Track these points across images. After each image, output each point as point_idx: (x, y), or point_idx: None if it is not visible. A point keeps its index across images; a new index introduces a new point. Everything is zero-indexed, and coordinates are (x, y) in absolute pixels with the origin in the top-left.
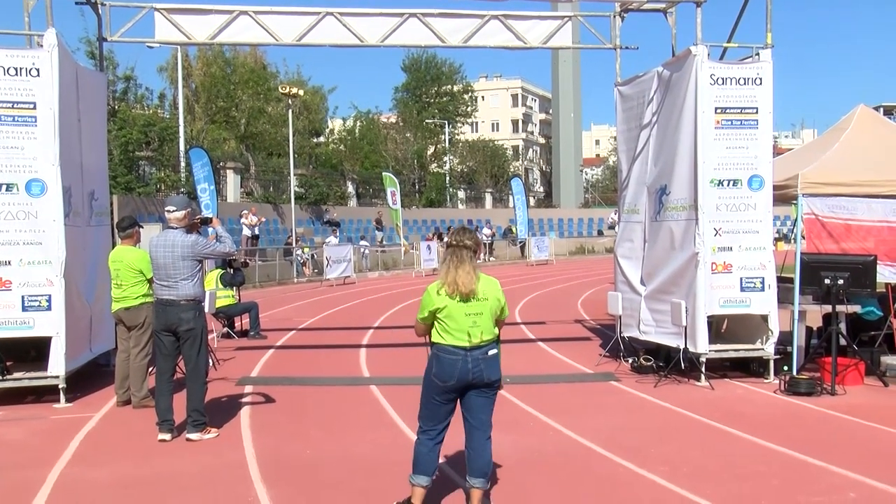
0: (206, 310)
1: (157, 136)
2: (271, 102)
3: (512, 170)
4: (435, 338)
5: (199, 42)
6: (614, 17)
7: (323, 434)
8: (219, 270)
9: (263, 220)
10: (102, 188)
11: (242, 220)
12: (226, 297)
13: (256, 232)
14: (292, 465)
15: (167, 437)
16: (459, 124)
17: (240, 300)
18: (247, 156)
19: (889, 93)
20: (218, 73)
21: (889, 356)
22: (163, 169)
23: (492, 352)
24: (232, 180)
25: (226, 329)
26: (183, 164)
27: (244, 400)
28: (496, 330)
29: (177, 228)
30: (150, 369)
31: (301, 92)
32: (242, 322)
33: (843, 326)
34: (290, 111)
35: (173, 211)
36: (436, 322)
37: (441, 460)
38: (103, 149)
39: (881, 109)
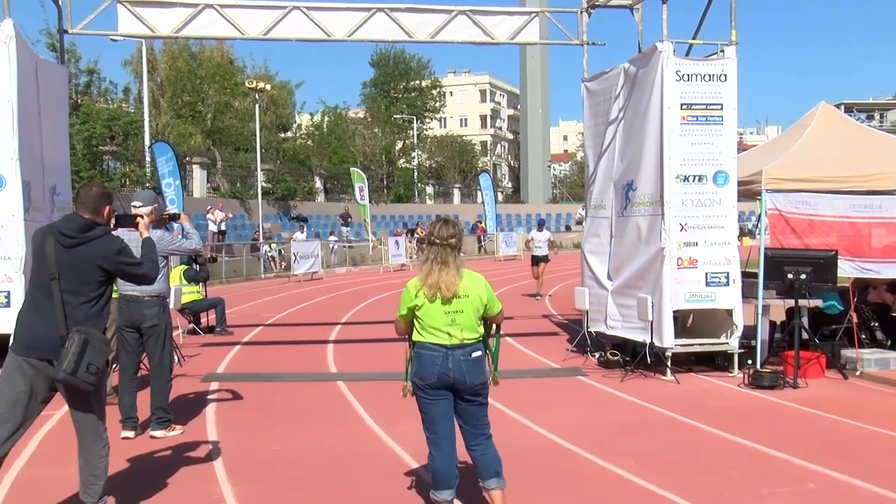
0: (172, 306)
1: (121, 130)
2: (238, 97)
3: (480, 165)
4: (415, 336)
5: (163, 35)
6: (581, 12)
7: (290, 430)
8: (184, 266)
9: (230, 215)
10: (64, 183)
11: (209, 215)
12: (191, 293)
13: (223, 227)
14: (258, 461)
15: (130, 434)
16: (428, 120)
17: (206, 296)
18: (213, 151)
19: (850, 90)
20: (184, 68)
21: (849, 349)
22: (127, 164)
23: (475, 354)
24: (198, 175)
25: (192, 325)
26: (148, 158)
27: (210, 396)
28: (481, 328)
29: None
30: (114, 366)
31: (268, 87)
32: (209, 318)
33: (805, 320)
34: (256, 106)
35: (139, 206)
36: (414, 320)
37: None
38: (65, 143)
39: (842, 107)
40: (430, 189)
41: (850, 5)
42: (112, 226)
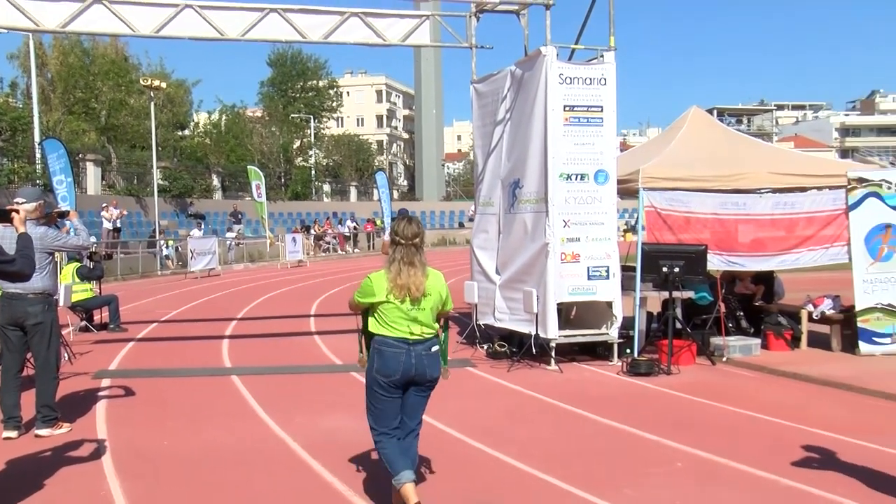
0: (62, 303)
1: (8, 125)
2: (133, 95)
3: (376, 164)
4: (375, 328)
5: (48, 30)
6: (470, 17)
7: (182, 425)
8: (76, 263)
9: (125, 212)
10: None
11: (103, 212)
12: (83, 291)
13: (118, 225)
14: (148, 457)
15: (13, 434)
16: (325, 119)
17: (100, 293)
18: (108, 148)
19: (722, 96)
20: (76, 63)
21: (717, 337)
22: (16, 160)
23: (434, 348)
24: (92, 172)
25: (84, 322)
26: (38, 155)
27: (101, 393)
28: (435, 324)
29: (27, 220)
30: None
31: (164, 85)
32: (102, 315)
33: (678, 311)
34: (152, 104)
35: (23, 203)
36: (375, 313)
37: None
38: None
39: (714, 111)
40: (327, 187)
41: (725, 15)
42: None
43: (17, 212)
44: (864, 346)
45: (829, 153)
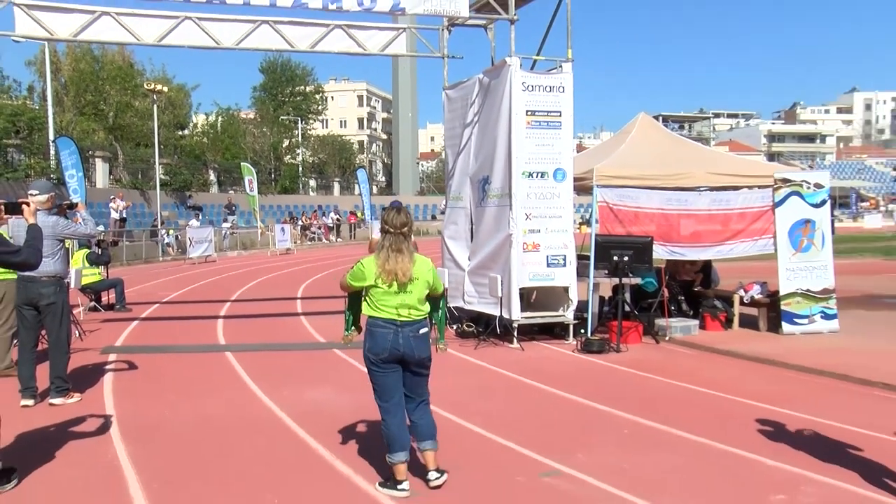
0: (73, 285)
1: (25, 125)
2: (138, 97)
3: (357, 161)
4: (366, 310)
5: (61, 38)
6: (443, 29)
7: (180, 396)
8: (85, 250)
9: (130, 204)
10: None
11: (111, 204)
12: (92, 275)
13: (124, 215)
14: (150, 425)
15: (30, 402)
16: (311, 121)
17: (107, 277)
18: (115, 146)
19: (665, 103)
20: (87, 69)
21: (661, 319)
22: (32, 156)
23: (422, 330)
24: (100, 168)
25: (93, 303)
26: (52, 152)
27: (108, 367)
28: (426, 305)
29: (39, 210)
30: (14, 342)
31: (166, 89)
32: (109, 296)
33: (627, 296)
34: (155, 106)
35: (36, 195)
36: (367, 296)
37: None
38: None
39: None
40: (312, 182)
41: (673, 34)
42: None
43: (28, 204)
44: (786, 327)
45: (758, 157)
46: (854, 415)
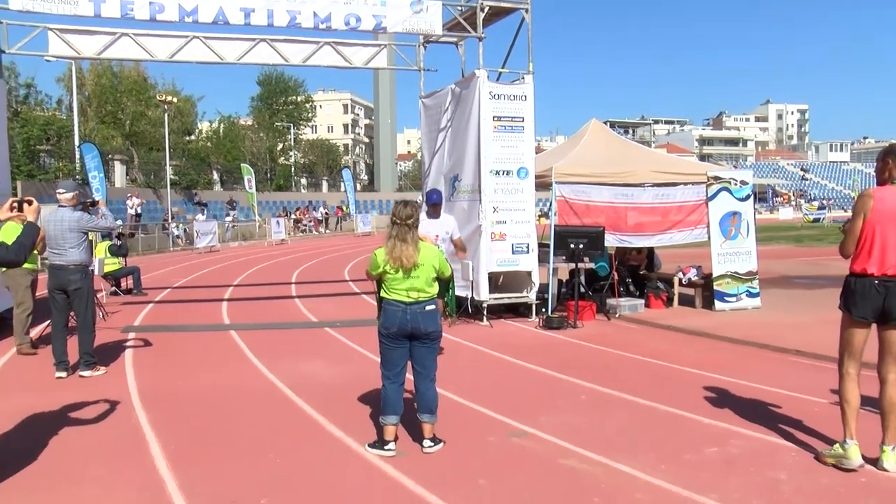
0: (96, 273)
1: (55, 133)
2: (151, 108)
3: (343, 162)
4: (382, 293)
5: (87, 57)
6: (419, 46)
7: (191, 369)
8: (107, 242)
9: (144, 201)
10: (3, 175)
11: (127, 201)
12: (113, 263)
13: (139, 211)
14: (166, 393)
15: (63, 374)
16: (302, 127)
17: (126, 265)
18: (131, 150)
19: (612, 111)
20: (107, 84)
21: (612, 299)
22: (60, 160)
23: (429, 307)
24: (119, 170)
25: (114, 288)
26: (77, 156)
27: (128, 344)
28: (435, 287)
29: (66, 207)
30: (47, 322)
31: (175, 99)
32: (128, 282)
33: (582, 279)
34: (166, 115)
35: (63, 193)
36: (382, 281)
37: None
38: (4, 143)
39: (608, 123)
40: (304, 181)
41: (616, 51)
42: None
43: (30, 202)
44: (718, 304)
45: (692, 158)
46: (773, 378)
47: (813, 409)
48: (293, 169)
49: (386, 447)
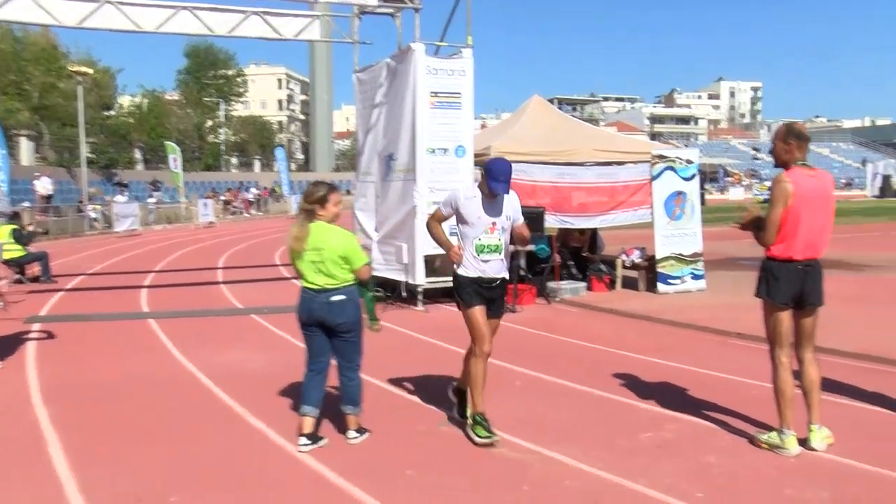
0: None
1: None
2: (63, 79)
3: (277, 141)
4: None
5: None
6: (353, 17)
7: (103, 359)
8: (11, 225)
9: (54, 181)
10: None
11: (35, 181)
12: (16, 250)
13: (50, 192)
14: (73, 386)
15: None
16: (233, 102)
17: (30, 251)
18: (40, 125)
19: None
20: (8, 49)
21: (553, 282)
22: None
23: (334, 297)
24: (25, 147)
25: (17, 276)
26: None
27: (31, 335)
28: (343, 276)
29: None
30: None
31: (90, 71)
32: (34, 269)
33: (523, 261)
34: (80, 88)
35: None
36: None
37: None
38: None
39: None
40: (234, 160)
41: (568, 24)
42: None
43: None
44: (661, 287)
45: (642, 136)
46: (712, 361)
47: (750, 392)
48: (223, 147)
49: (299, 442)
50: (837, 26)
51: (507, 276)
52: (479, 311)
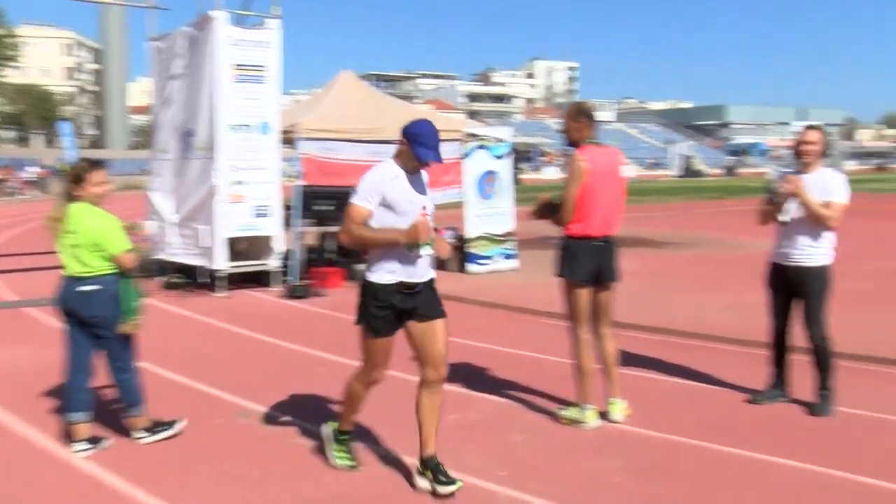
0: None
1: None
2: None
3: (63, 114)
4: None
5: None
6: None
7: None
8: None
9: None
10: None
11: None
12: None
13: None
14: None
15: None
16: (3, 67)
17: None
18: None
19: (380, 62)
20: None
21: (359, 265)
22: None
23: (82, 287)
24: None
25: None
26: None
27: None
28: (98, 264)
29: None
30: None
31: None
32: None
33: (332, 244)
34: None
35: None
36: None
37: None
38: None
39: (372, 76)
40: (10, 134)
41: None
42: None
43: None
44: (470, 267)
45: (460, 115)
46: (521, 340)
47: (555, 370)
48: None
49: (74, 448)
50: (654, 9)
51: (434, 276)
52: (386, 343)
